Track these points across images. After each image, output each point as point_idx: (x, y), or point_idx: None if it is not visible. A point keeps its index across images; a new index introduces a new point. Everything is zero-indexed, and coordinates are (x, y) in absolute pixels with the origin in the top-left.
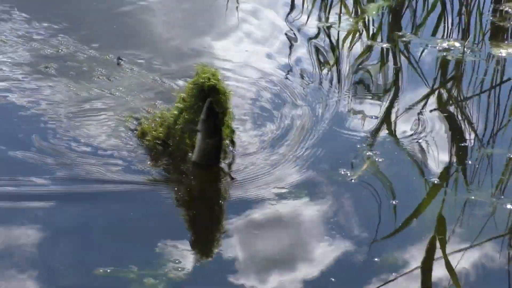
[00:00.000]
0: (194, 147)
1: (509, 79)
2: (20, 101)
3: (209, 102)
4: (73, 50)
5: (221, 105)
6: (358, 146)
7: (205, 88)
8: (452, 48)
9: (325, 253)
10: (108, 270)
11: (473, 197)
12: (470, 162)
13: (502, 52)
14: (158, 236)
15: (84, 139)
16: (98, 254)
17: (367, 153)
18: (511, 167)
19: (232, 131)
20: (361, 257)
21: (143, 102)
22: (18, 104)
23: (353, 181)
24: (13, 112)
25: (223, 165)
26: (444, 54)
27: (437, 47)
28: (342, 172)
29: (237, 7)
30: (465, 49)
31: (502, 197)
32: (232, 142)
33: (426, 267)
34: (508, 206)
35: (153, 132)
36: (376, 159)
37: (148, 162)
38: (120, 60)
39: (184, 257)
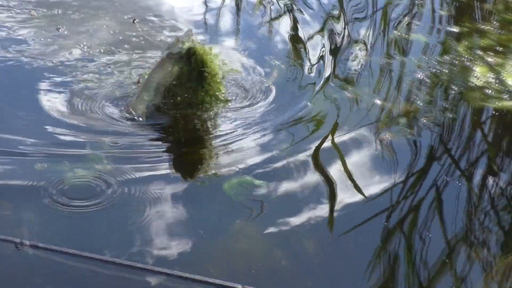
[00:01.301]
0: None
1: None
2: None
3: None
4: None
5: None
6: (266, 58)
7: (191, 52)
8: None
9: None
10: (46, 165)
11: (349, 95)
12: (355, 68)
13: None
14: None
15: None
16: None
17: (275, 63)
18: (384, 71)
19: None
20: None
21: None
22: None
23: (268, 86)
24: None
25: None
26: None
27: None
28: (259, 79)
29: None
30: None
31: (375, 95)
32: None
33: (318, 148)
34: (378, 101)
35: None
36: (283, 67)
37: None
38: (134, 21)
39: (110, 157)
